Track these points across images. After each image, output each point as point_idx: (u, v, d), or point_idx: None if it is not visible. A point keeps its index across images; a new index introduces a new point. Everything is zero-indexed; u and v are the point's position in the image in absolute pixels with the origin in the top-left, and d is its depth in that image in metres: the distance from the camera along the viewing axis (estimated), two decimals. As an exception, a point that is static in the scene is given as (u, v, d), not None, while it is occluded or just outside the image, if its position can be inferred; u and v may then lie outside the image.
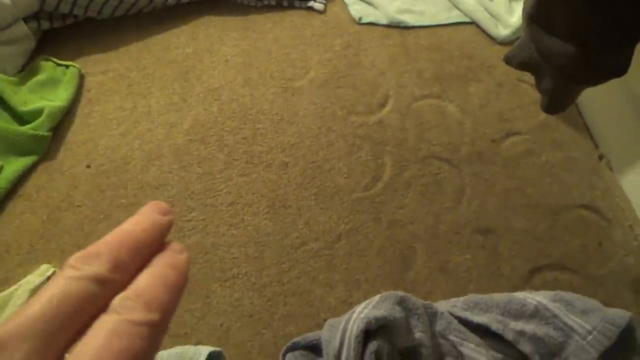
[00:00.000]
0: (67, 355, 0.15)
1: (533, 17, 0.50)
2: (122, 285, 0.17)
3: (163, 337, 0.17)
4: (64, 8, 1.00)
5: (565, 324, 0.64)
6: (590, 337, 0.62)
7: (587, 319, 0.63)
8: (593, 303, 0.66)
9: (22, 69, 1.00)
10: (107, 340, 0.15)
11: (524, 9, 0.52)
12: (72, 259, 0.17)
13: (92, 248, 0.17)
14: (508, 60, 0.61)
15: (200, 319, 0.74)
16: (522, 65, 0.59)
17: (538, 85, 0.59)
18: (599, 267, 0.79)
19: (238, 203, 0.85)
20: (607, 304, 0.65)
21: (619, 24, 0.42)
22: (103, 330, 0.15)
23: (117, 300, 0.16)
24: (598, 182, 0.88)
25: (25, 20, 0.98)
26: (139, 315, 0.16)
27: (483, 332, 0.65)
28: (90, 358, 0.14)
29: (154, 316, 0.16)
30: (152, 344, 0.16)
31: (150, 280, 0.17)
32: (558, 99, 0.57)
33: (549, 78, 0.55)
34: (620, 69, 0.47)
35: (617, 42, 0.44)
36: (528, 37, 0.54)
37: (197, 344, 0.70)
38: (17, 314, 0.15)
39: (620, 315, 0.63)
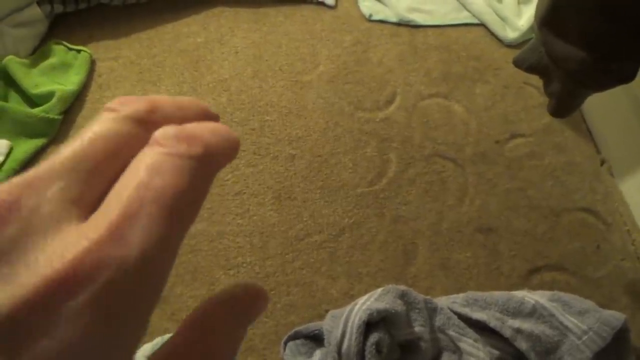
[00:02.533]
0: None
1: (545, 22, 0.51)
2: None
3: (209, 184, 0.15)
4: (78, -7, 1.01)
5: (561, 323, 0.65)
6: (585, 337, 0.64)
7: (583, 320, 0.65)
8: (589, 304, 0.67)
9: (34, 52, 1.00)
10: (147, 176, 0.13)
11: (536, 13, 0.53)
12: (110, 102, 0.15)
13: (132, 96, 0.16)
14: (517, 63, 0.62)
15: (204, 305, 0.76)
16: (531, 68, 0.60)
17: (546, 88, 0.60)
18: (596, 269, 0.81)
19: (244, 193, 0.86)
20: (603, 305, 0.66)
21: (632, 32, 0.43)
22: (143, 165, 0.13)
23: (158, 132, 0.14)
24: (599, 186, 0.89)
25: (39, 3, 0.98)
26: (182, 147, 0.14)
27: (481, 328, 0.67)
28: (129, 197, 0.13)
29: (197, 149, 0.14)
30: (196, 185, 0.14)
31: (196, 124, 0.15)
32: (565, 103, 0.58)
33: (558, 82, 0.56)
34: (629, 76, 0.48)
35: (629, 50, 0.45)
36: (539, 40, 0.55)
37: (200, 329, 0.71)
38: (49, 158, 0.14)
39: (615, 317, 0.64)
